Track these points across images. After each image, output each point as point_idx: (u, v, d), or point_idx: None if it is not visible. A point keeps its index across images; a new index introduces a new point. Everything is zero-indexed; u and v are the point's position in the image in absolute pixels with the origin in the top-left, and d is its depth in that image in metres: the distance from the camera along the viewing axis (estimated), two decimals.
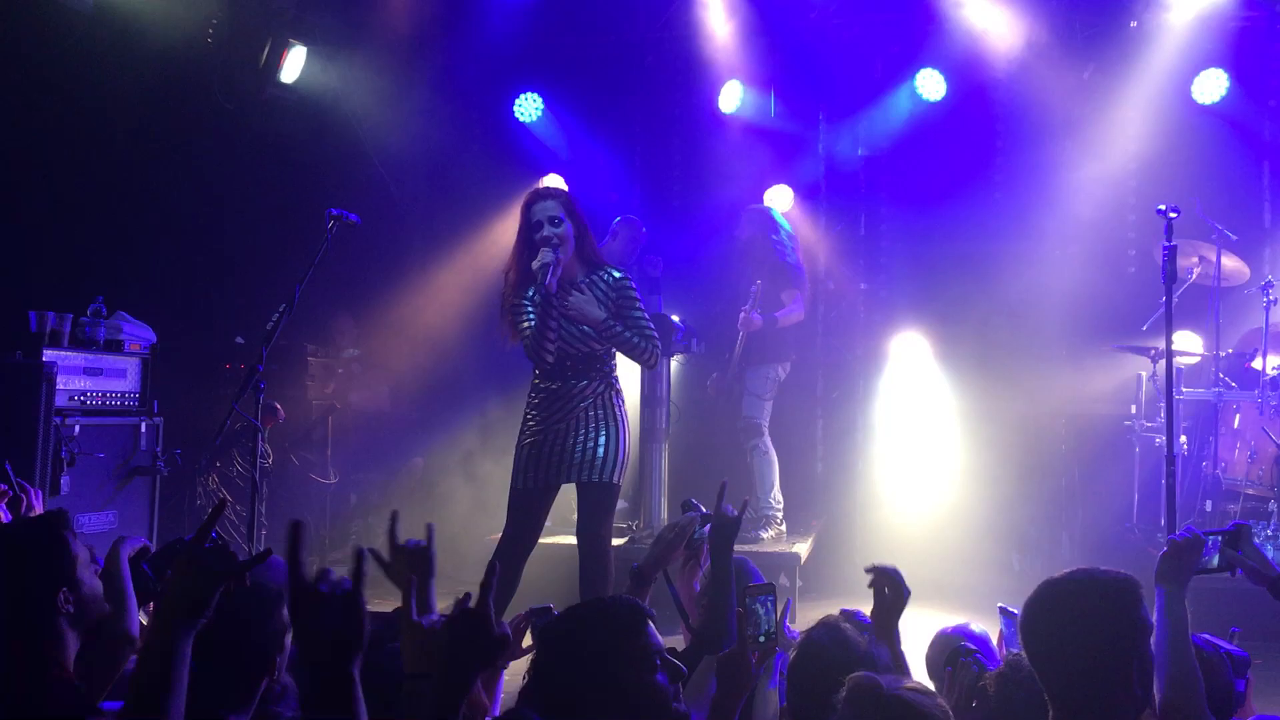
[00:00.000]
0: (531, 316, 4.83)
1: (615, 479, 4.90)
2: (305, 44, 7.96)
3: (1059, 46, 8.14)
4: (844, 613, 3.02)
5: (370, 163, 7.93)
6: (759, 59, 8.51)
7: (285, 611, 2.40)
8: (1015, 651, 3.06)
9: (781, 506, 7.18)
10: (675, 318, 7.13)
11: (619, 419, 4.92)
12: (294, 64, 7.93)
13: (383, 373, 8.37)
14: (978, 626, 3.50)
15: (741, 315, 7.15)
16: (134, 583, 3.31)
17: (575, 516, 4.96)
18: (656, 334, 4.92)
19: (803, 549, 7.02)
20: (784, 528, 7.23)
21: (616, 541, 6.93)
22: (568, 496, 5.17)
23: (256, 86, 7.78)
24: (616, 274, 4.90)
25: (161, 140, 7.14)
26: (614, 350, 4.92)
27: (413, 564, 2.44)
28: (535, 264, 4.72)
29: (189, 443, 6.67)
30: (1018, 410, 8.02)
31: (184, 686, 1.98)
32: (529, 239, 4.82)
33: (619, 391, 4.98)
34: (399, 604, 2.31)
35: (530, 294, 4.85)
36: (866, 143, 8.76)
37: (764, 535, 7.01)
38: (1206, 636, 2.98)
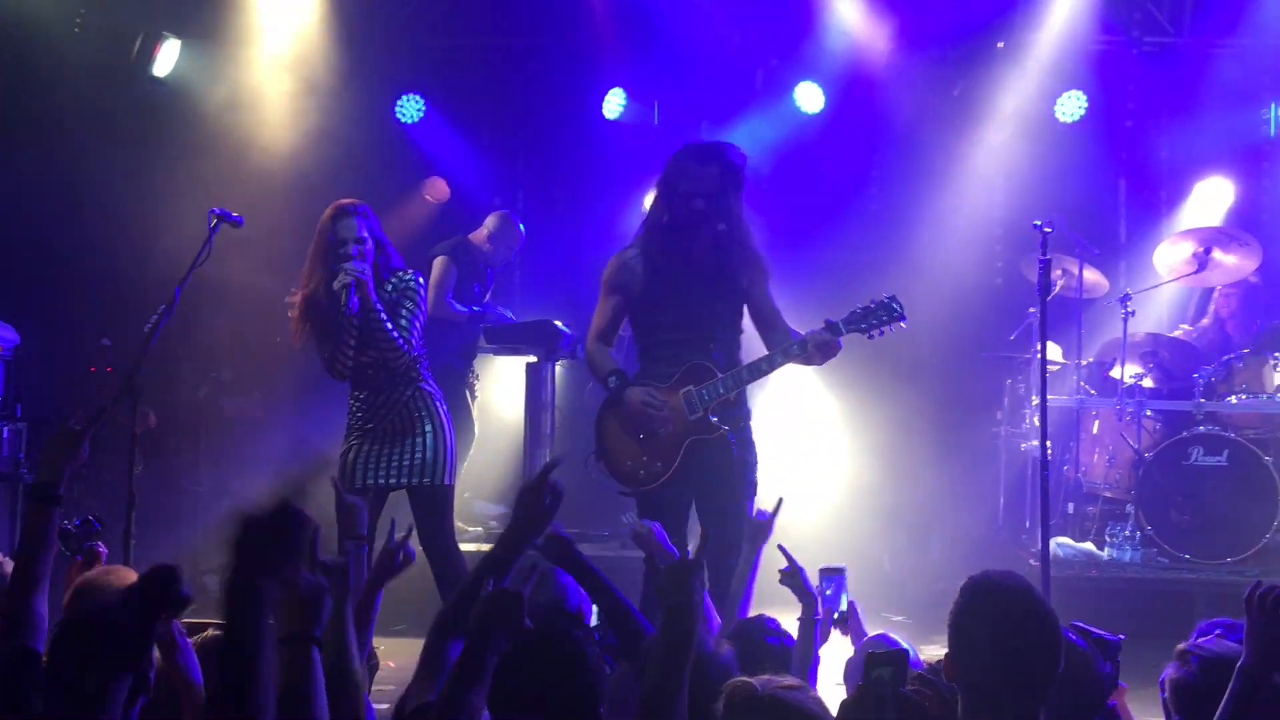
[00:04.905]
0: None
1: (448, 480, 5.03)
2: (179, 37, 7.75)
3: (931, 65, 8.41)
4: (759, 619, 3.04)
5: (248, 159, 7.73)
6: (641, 67, 8.56)
7: None
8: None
9: None
10: (559, 324, 7.13)
11: (436, 418, 5.02)
12: (167, 57, 7.71)
13: (256, 378, 8.16)
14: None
15: None
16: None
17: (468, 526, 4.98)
18: (410, 340, 4.93)
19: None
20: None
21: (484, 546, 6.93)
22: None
23: (128, 79, 7.54)
24: (407, 276, 5.04)
25: (22, 132, 6.85)
26: (415, 358, 5.00)
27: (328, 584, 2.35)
28: (336, 284, 4.82)
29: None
30: (891, 417, 8.22)
31: None
32: (331, 254, 4.88)
33: (430, 393, 5.07)
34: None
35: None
36: (747, 153, 8.86)
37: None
38: (1077, 624, 2.93)
